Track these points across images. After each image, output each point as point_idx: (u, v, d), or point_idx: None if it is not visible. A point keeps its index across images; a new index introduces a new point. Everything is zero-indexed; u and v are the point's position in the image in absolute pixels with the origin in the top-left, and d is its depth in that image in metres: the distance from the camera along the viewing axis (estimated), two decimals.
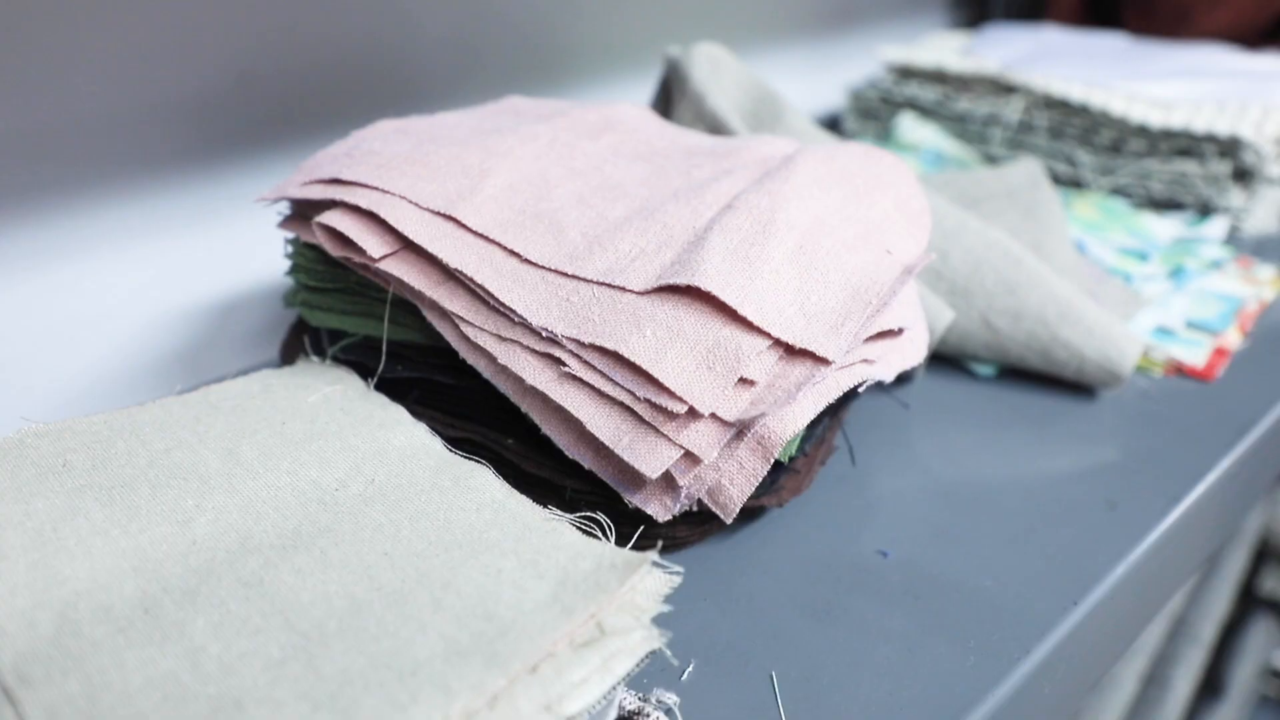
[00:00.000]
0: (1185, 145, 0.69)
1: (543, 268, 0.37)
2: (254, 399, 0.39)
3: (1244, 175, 0.68)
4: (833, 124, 0.86)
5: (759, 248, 0.36)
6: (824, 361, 0.34)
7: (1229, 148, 0.68)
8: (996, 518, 0.41)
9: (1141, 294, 0.57)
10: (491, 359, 0.36)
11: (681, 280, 0.34)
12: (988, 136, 0.76)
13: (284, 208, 0.43)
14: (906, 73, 0.80)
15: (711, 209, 0.39)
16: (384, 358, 0.40)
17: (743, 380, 0.34)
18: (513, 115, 0.46)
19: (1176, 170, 0.69)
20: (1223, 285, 0.59)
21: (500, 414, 0.38)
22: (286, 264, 0.45)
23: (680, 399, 0.33)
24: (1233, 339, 0.55)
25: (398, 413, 0.38)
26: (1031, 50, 0.81)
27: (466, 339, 0.37)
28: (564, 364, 0.35)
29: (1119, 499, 0.43)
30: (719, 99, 0.52)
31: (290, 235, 0.43)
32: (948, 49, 0.83)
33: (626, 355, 0.34)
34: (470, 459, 0.36)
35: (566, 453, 0.35)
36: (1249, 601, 1.00)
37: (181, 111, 0.51)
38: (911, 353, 0.40)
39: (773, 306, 0.35)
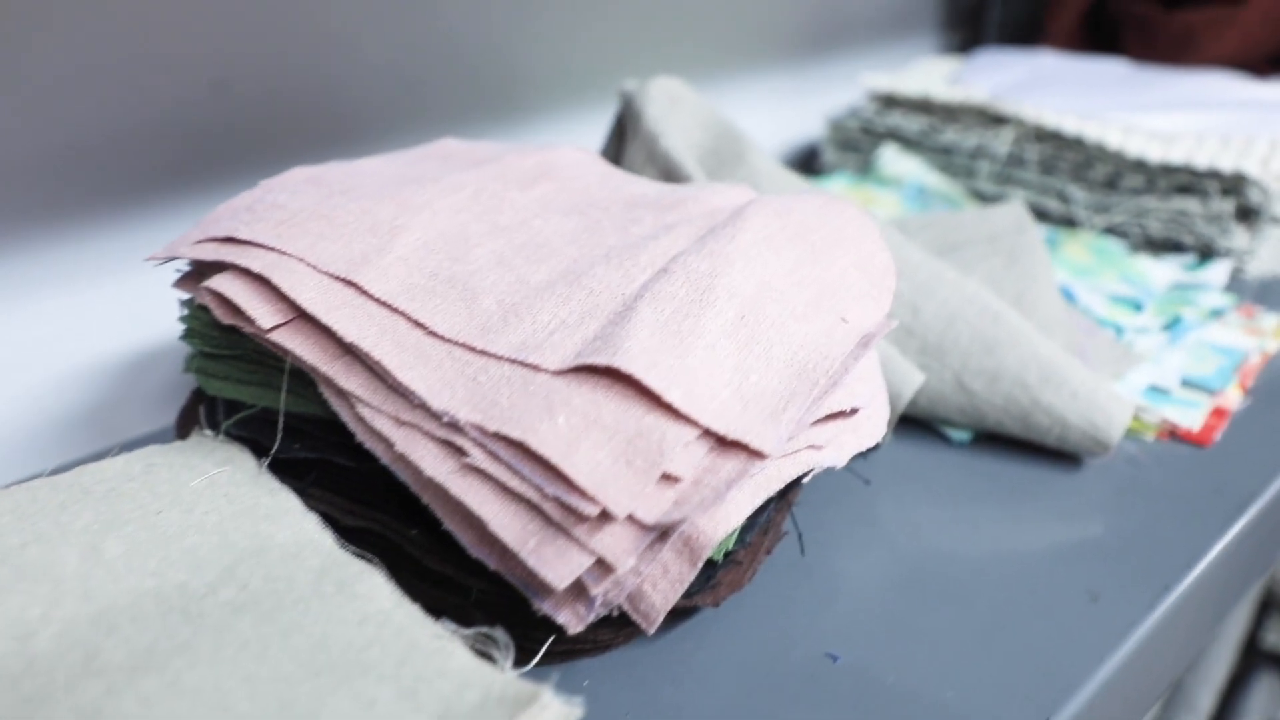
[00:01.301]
0: (1186, 182, 0.65)
1: (450, 341, 0.33)
2: (132, 482, 0.35)
3: (1248, 214, 0.64)
4: (811, 155, 0.82)
5: (693, 320, 0.32)
6: (759, 455, 0.30)
7: (1233, 185, 0.63)
8: (964, 611, 0.37)
9: (1134, 349, 0.52)
10: (389, 445, 0.32)
11: (601, 360, 0.31)
12: (975, 170, 0.72)
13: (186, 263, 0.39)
14: (890, 101, 0.76)
15: (646, 272, 0.35)
16: (280, 435, 0.36)
17: (666, 476, 0.30)
18: (440, 161, 0.42)
19: (1176, 208, 0.65)
20: (1223, 337, 0.55)
21: (405, 501, 0.34)
22: None
23: (592, 499, 0.29)
24: (1232, 398, 0.51)
25: (287, 501, 0.34)
26: (1025, 77, 0.77)
27: (363, 421, 0.33)
28: (466, 454, 0.31)
29: (1102, 588, 0.39)
30: (673, 140, 0.48)
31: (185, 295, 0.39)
32: (936, 76, 0.79)
33: (534, 447, 0.30)
34: (363, 557, 0.32)
35: (470, 551, 0.31)
36: (1252, 656, 0.95)
37: (93, 155, 0.47)
38: (869, 432, 0.36)
39: (705, 389, 0.31)
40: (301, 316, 0.34)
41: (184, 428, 0.41)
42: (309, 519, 0.34)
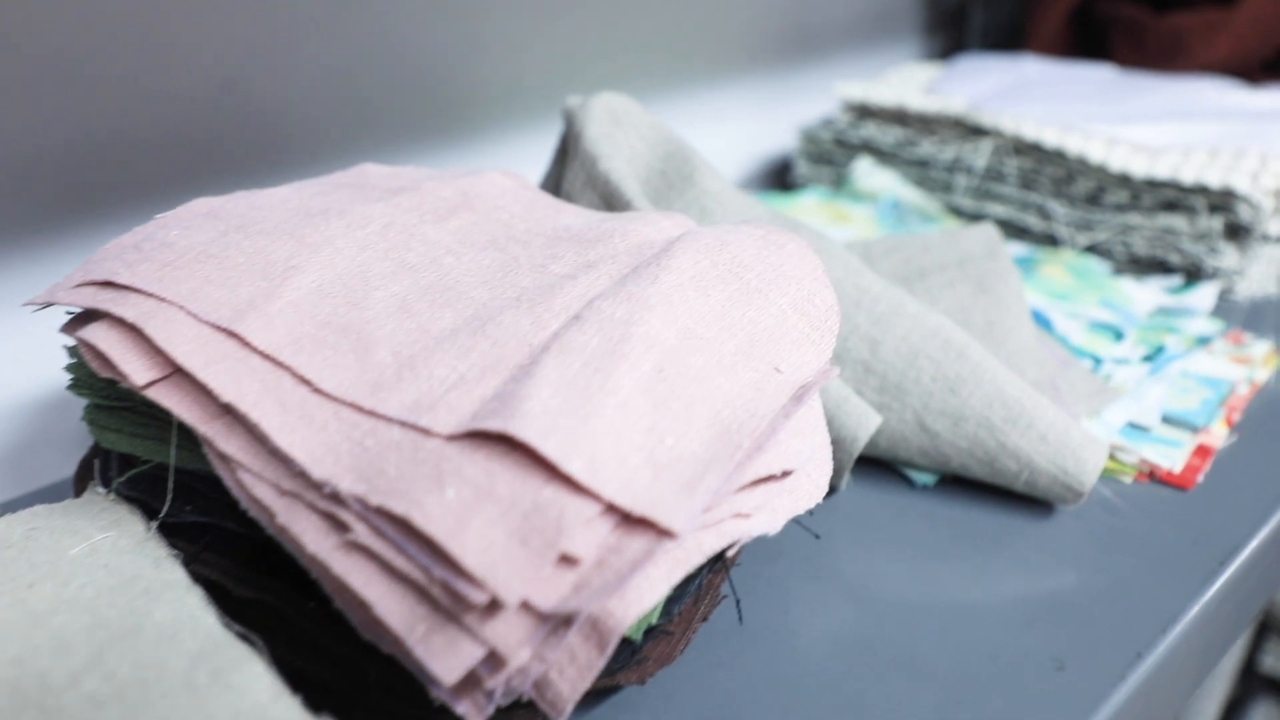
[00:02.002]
0: (1172, 197, 0.62)
1: (338, 400, 0.30)
2: (10, 549, 0.32)
3: (1238, 232, 0.61)
4: (785, 169, 0.79)
5: (603, 375, 0.29)
6: (669, 534, 0.27)
7: (1221, 201, 0.60)
8: (920, 683, 0.34)
9: (1112, 382, 0.49)
10: (271, 515, 0.29)
11: (494, 425, 0.27)
12: (953, 184, 0.69)
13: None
14: (865, 111, 0.73)
15: (559, 318, 0.32)
16: (170, 495, 0.33)
17: (565, 557, 0.27)
18: (354, 190, 0.39)
19: (1162, 226, 0.62)
20: (1209, 367, 0.52)
21: (302, 571, 0.31)
22: None
23: (481, 584, 0.26)
24: (1218, 435, 0.47)
25: (171, 572, 0.31)
26: (1006, 85, 0.74)
27: (245, 487, 0.30)
28: (349, 529, 0.28)
29: (1070, 655, 0.36)
30: (614, 162, 0.45)
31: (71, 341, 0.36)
32: (914, 84, 0.76)
33: (419, 524, 0.26)
34: (246, 638, 0.29)
35: (361, 632, 0.28)
36: (1250, 679, 0.92)
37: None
38: (808, 493, 0.33)
39: (612, 456, 0.28)
40: (179, 371, 0.31)
41: (80, 482, 0.38)
42: (192, 594, 0.31)
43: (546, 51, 0.65)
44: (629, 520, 0.27)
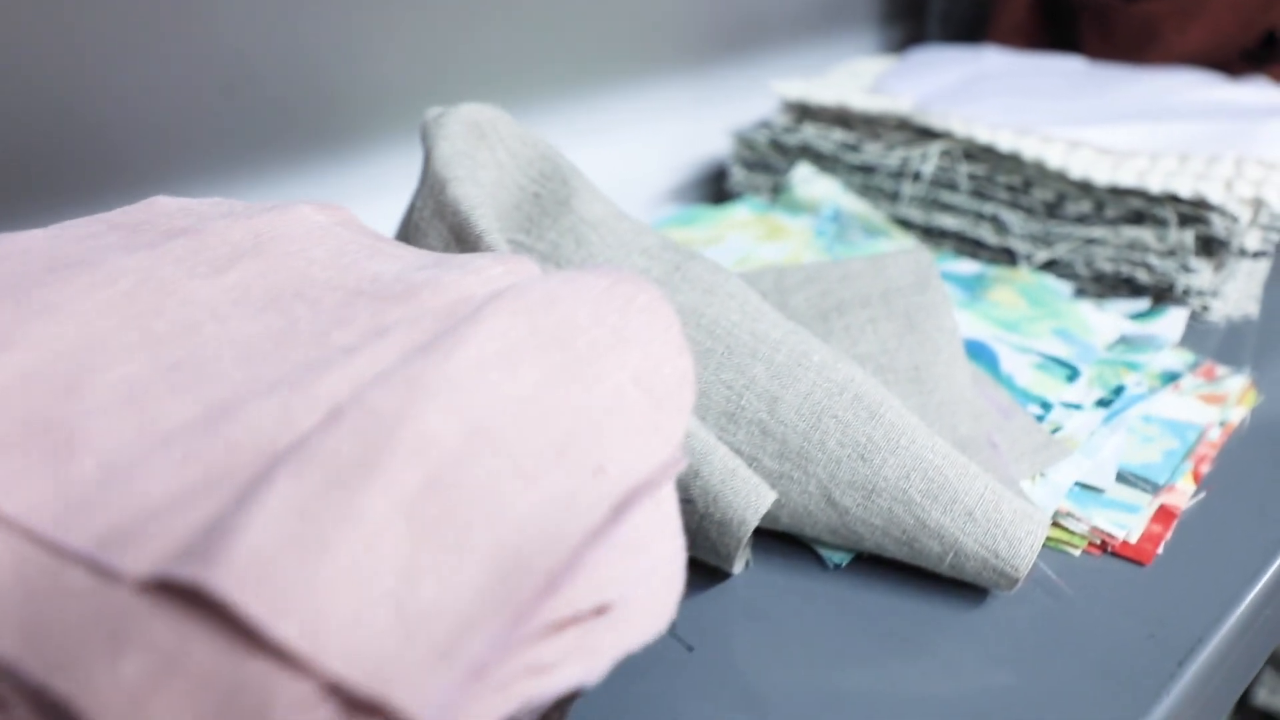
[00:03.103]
0: (1139, 208, 0.55)
1: (17, 526, 0.23)
2: None
3: (1212, 246, 0.54)
4: (721, 175, 0.72)
5: (349, 495, 0.22)
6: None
7: (1193, 212, 0.53)
8: None
9: (1062, 433, 0.42)
10: None
11: (185, 573, 0.21)
12: (900, 193, 0.62)
13: None
14: (804, 112, 0.66)
15: (318, 411, 0.25)
16: None
17: None
18: (126, 232, 0.33)
19: (1128, 239, 0.55)
20: (1175, 409, 0.45)
21: None
22: None
23: None
24: (1183, 492, 0.41)
25: None
26: (962, 81, 0.67)
27: None
28: (6, 708, 0.21)
29: None
30: (465, 186, 0.38)
31: None
32: (861, 80, 0.68)
33: (83, 709, 0.20)
34: None
35: None
36: (1243, 713, 0.85)
37: None
38: (643, 623, 0.26)
39: (343, 613, 0.21)
40: None
41: None
42: None
43: (439, 50, 0.58)
44: (357, 703, 0.20)
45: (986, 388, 0.43)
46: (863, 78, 0.69)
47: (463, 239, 0.37)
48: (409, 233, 0.40)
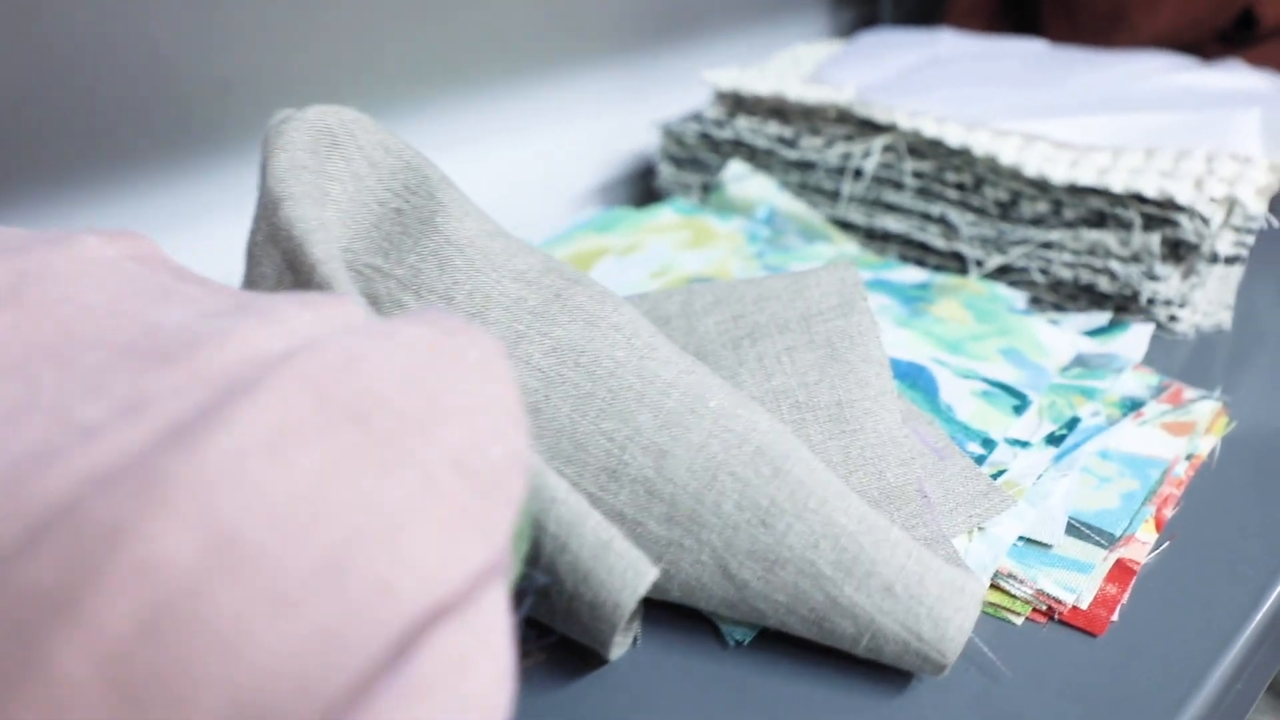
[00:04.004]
0: (1100, 208, 0.50)
1: None
2: None
3: (1180, 250, 0.49)
4: (650, 173, 0.66)
5: (32, 650, 0.17)
6: None
7: (1159, 213, 0.48)
8: None
9: (1006, 477, 0.37)
10: None
11: None
12: (840, 192, 0.56)
13: None
14: (739, 103, 0.61)
15: (16, 522, 0.19)
16: None
17: None
18: None
19: (1089, 243, 0.50)
20: (1136, 443, 0.40)
21: None
22: None
23: None
24: (1143, 544, 0.36)
25: None
26: (912, 68, 0.61)
27: None
28: None
29: None
30: (300, 208, 0.32)
31: None
32: (803, 68, 0.63)
33: None
34: None
35: None
36: None
37: None
38: None
39: None
40: None
41: None
42: None
43: (331, 39, 0.52)
44: None
45: (920, 425, 0.38)
46: (804, 65, 0.64)
47: (296, 269, 0.32)
48: (247, 261, 0.34)
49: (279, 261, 0.33)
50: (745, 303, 0.39)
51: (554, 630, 0.32)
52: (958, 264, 0.54)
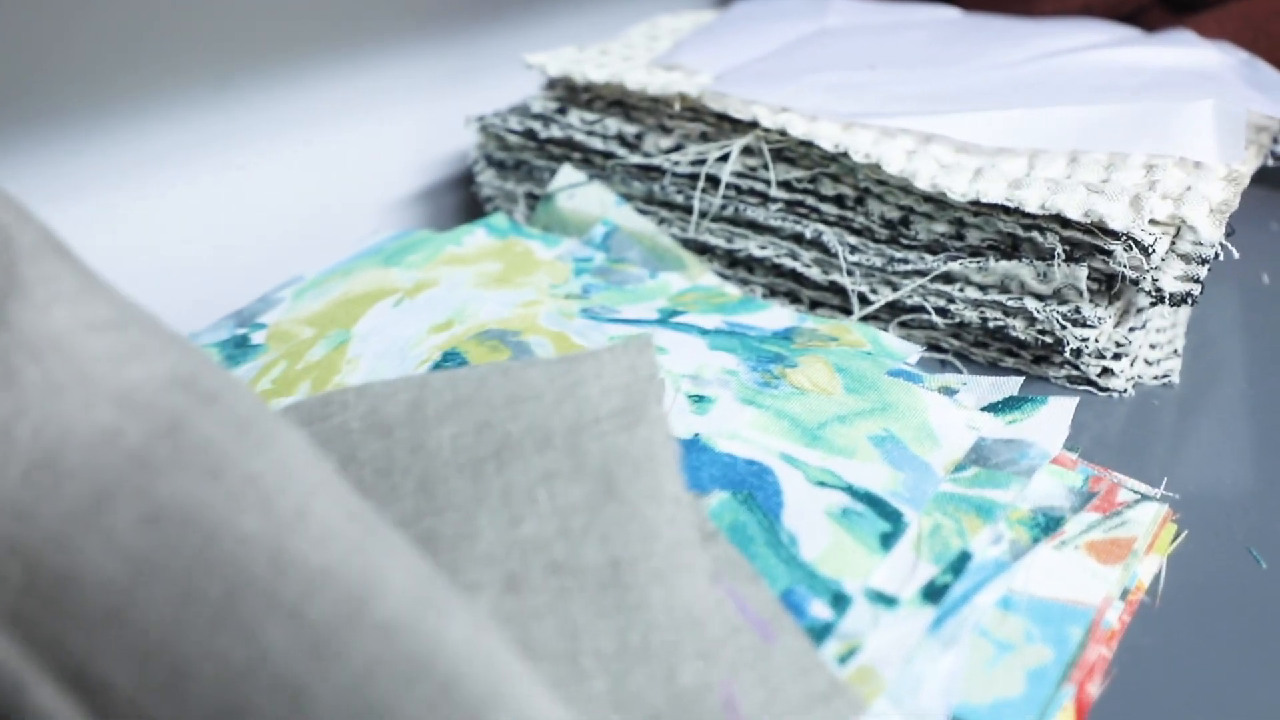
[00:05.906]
0: (1013, 231, 0.38)
1: None
2: None
3: (1114, 286, 0.38)
4: (467, 179, 0.54)
5: None
6: None
7: (1087, 239, 0.37)
8: None
9: (858, 659, 0.26)
10: None
11: None
12: (693, 208, 0.45)
13: None
14: (573, 93, 0.48)
15: None
16: None
17: None
18: None
19: (999, 275, 0.39)
20: (1052, 583, 0.29)
21: None
22: None
23: None
24: None
25: None
26: (789, 46, 0.50)
27: None
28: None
29: None
30: None
31: None
32: (657, 47, 0.51)
33: None
34: None
35: None
36: None
37: None
38: None
39: None
40: None
41: None
42: None
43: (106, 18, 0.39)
44: None
45: (739, 584, 0.26)
46: (662, 42, 0.52)
47: None
48: None
49: None
50: (494, 405, 0.27)
51: None
52: (839, 298, 0.42)
